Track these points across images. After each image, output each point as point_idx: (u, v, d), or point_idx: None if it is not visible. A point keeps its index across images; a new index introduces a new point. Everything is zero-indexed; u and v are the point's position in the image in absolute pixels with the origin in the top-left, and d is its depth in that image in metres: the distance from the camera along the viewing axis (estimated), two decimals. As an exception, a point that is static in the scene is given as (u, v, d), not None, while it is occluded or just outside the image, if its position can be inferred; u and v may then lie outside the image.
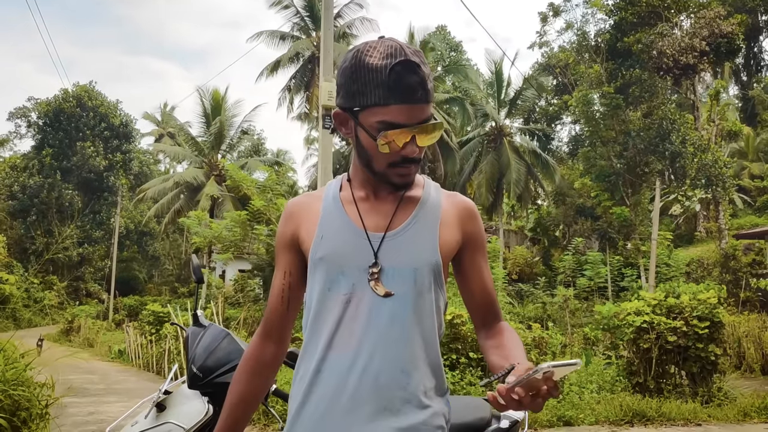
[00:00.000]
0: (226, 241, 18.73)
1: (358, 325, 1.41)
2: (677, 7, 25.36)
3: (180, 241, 47.63)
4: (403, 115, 1.39)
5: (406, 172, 1.46)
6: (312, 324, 1.47)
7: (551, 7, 31.54)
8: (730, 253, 21.71)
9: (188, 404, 2.62)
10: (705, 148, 23.77)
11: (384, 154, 1.42)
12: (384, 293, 1.42)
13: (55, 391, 5.57)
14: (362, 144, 1.46)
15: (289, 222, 1.58)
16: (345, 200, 1.54)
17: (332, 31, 10.12)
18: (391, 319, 1.41)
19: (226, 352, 2.67)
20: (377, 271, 1.44)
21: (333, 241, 1.49)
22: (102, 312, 36.83)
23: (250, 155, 45.12)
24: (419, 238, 1.48)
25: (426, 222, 1.50)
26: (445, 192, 1.61)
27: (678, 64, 23.63)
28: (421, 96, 1.40)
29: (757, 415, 7.11)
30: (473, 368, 7.91)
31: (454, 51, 40.55)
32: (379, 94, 1.38)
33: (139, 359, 17.33)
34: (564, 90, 31.75)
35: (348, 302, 1.43)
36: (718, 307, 8.06)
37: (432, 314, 1.47)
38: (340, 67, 1.48)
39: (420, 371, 1.43)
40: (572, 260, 23.92)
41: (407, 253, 1.46)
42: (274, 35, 30.41)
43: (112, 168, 44.06)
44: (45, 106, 44.45)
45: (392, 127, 1.39)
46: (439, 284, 1.49)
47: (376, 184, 1.53)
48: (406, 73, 1.37)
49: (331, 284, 1.45)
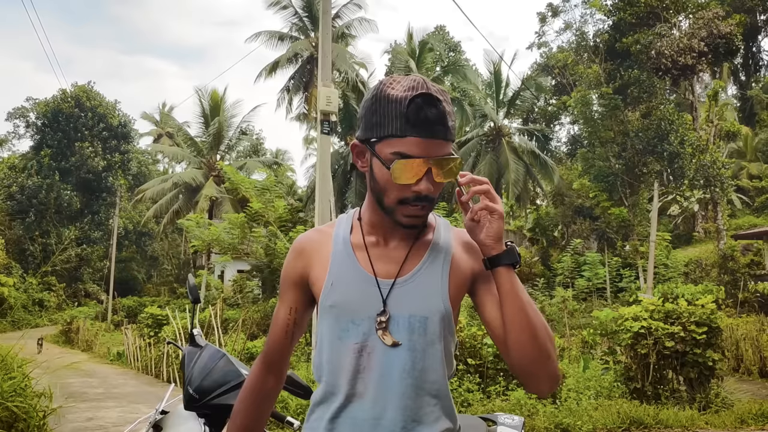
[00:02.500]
0: (224, 244, 18.73)
1: (371, 376, 1.42)
2: (676, 8, 25.39)
3: (179, 242, 47.65)
4: (419, 148, 1.37)
5: (415, 213, 1.43)
6: (328, 370, 1.47)
7: (550, 8, 31.58)
8: (729, 254, 21.74)
9: (184, 426, 2.62)
10: (703, 149, 23.81)
11: (395, 188, 1.40)
12: (391, 343, 1.42)
13: (54, 397, 5.59)
14: (375, 177, 1.44)
15: (299, 259, 1.57)
16: (355, 245, 1.52)
17: (330, 35, 10.10)
18: (402, 370, 1.41)
19: (222, 374, 2.67)
20: (385, 320, 1.43)
21: (343, 288, 1.48)
22: (101, 313, 36.83)
23: (248, 155, 45.16)
24: (429, 285, 1.46)
25: (436, 267, 1.48)
26: (455, 230, 1.59)
27: (676, 64, 23.67)
28: (439, 131, 1.39)
29: (754, 422, 7.12)
30: (471, 374, 7.92)
31: (452, 51, 40.56)
32: (397, 125, 1.38)
33: (137, 362, 17.34)
34: (563, 90, 31.79)
35: (360, 352, 1.43)
36: (715, 312, 8.07)
37: (442, 361, 1.46)
38: (363, 100, 1.48)
39: (432, 417, 1.43)
40: (571, 261, 23.94)
41: (417, 301, 1.45)
42: (272, 36, 30.41)
43: (110, 168, 44.05)
44: (43, 106, 44.44)
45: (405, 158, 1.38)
46: (450, 331, 1.48)
47: (387, 227, 1.51)
48: (425, 106, 1.37)
49: (342, 333, 1.45)
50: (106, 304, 38.03)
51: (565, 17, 29.90)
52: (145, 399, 11.03)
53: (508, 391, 7.75)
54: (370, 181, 1.48)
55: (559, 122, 36.99)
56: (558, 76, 32.41)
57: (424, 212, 1.45)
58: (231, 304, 22.49)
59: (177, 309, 14.58)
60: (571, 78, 28.90)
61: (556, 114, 35.09)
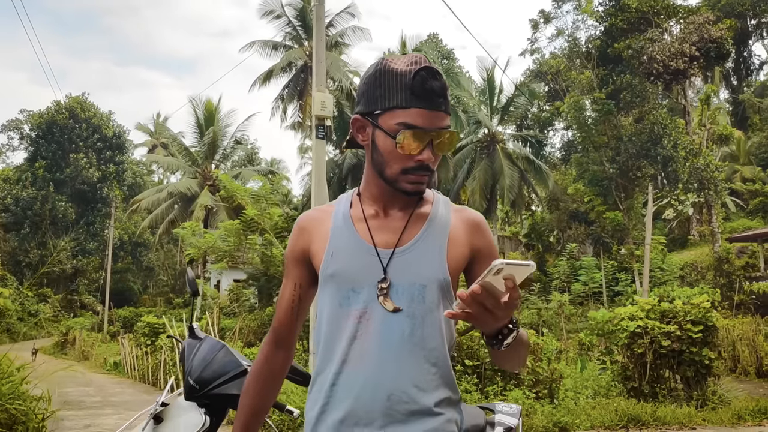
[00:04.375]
0: (220, 251, 18.72)
1: (370, 342, 1.44)
2: (666, 13, 25.55)
3: (174, 252, 47.53)
4: (423, 119, 1.43)
5: (419, 180, 1.48)
6: (326, 340, 1.50)
7: (542, 14, 31.76)
8: (724, 257, 21.83)
9: (185, 416, 2.64)
10: (697, 152, 23.92)
11: (399, 158, 1.46)
12: (393, 308, 1.45)
13: (52, 404, 5.58)
14: (378, 149, 1.49)
15: (301, 236, 1.61)
16: (355, 217, 1.57)
17: (324, 41, 10.17)
18: (402, 336, 1.44)
19: (221, 364, 2.69)
20: (386, 287, 1.46)
21: (343, 258, 1.51)
22: (97, 324, 36.70)
23: (243, 165, 45.14)
24: (428, 255, 1.50)
25: (434, 238, 1.52)
26: (455, 207, 1.62)
27: (668, 69, 23.79)
28: (441, 103, 1.45)
29: (751, 418, 7.15)
30: (469, 375, 7.94)
31: (446, 59, 40.65)
32: (402, 96, 1.44)
33: (134, 371, 17.29)
34: (556, 96, 31.91)
35: (360, 318, 1.46)
36: (711, 310, 8.11)
37: (441, 329, 1.49)
38: (363, 76, 1.54)
39: (432, 384, 1.46)
40: (567, 265, 23.99)
41: (416, 270, 1.48)
42: (266, 45, 30.48)
43: (105, 179, 43.99)
44: (38, 118, 44.39)
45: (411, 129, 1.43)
46: (449, 299, 1.51)
47: (386, 199, 1.55)
48: (429, 79, 1.43)
49: (343, 301, 1.48)
50: (101, 315, 37.92)
51: (557, 24, 30.13)
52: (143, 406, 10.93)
53: (506, 392, 7.77)
54: (372, 153, 1.52)
55: (552, 128, 37.13)
56: (551, 82, 32.55)
57: (425, 181, 1.50)
58: (227, 313, 22.43)
59: (173, 318, 14.54)
60: (564, 84, 29.03)
61: (549, 120, 35.21)
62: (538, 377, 7.87)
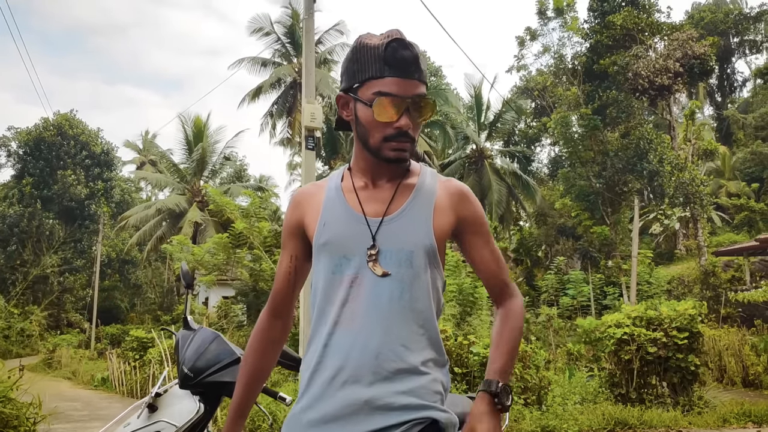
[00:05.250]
0: (209, 265, 18.67)
1: (361, 304, 1.52)
2: (651, 30, 25.94)
3: (162, 270, 47.24)
4: (397, 87, 1.53)
5: (400, 147, 1.56)
6: (320, 305, 1.58)
7: (528, 32, 32.07)
8: (710, 270, 22.01)
9: (180, 404, 2.69)
10: (682, 167, 24.18)
11: (379, 126, 1.54)
12: (381, 273, 1.53)
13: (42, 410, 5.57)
14: (360, 120, 1.58)
15: (296, 210, 1.70)
16: (346, 189, 1.65)
17: (314, 54, 10.29)
18: (390, 298, 1.52)
19: (215, 353, 2.75)
20: (375, 253, 1.55)
21: (335, 227, 1.60)
22: (84, 341, 36.34)
23: (232, 181, 45.06)
24: (414, 222, 1.58)
25: (421, 207, 1.61)
26: (441, 178, 1.71)
27: (653, 85, 24.12)
28: (414, 71, 1.55)
29: (736, 420, 7.24)
30: (458, 382, 7.98)
31: (434, 76, 40.97)
32: (376, 67, 1.54)
33: (122, 386, 17.16)
34: (542, 112, 32.20)
35: (351, 283, 1.54)
36: (696, 317, 8.21)
37: (429, 293, 1.57)
38: (344, 58, 1.65)
39: (419, 345, 1.53)
40: (555, 279, 24.07)
41: (404, 236, 1.57)
42: (255, 62, 30.63)
43: (93, 196, 43.76)
44: (25, 135, 44.16)
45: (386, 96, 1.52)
46: (435, 265, 1.59)
47: (374, 171, 1.64)
48: (400, 48, 1.53)
49: (335, 268, 1.57)
50: (88, 332, 37.57)
51: (543, 41, 30.33)
52: (131, 419, 10.92)
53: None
54: (356, 127, 1.61)
55: (540, 143, 37.38)
56: (538, 98, 32.86)
57: (407, 146, 1.57)
58: (216, 329, 22.31)
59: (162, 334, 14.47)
60: (551, 100, 29.33)
61: (536, 135, 35.48)
62: (526, 384, 7.93)
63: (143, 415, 2.74)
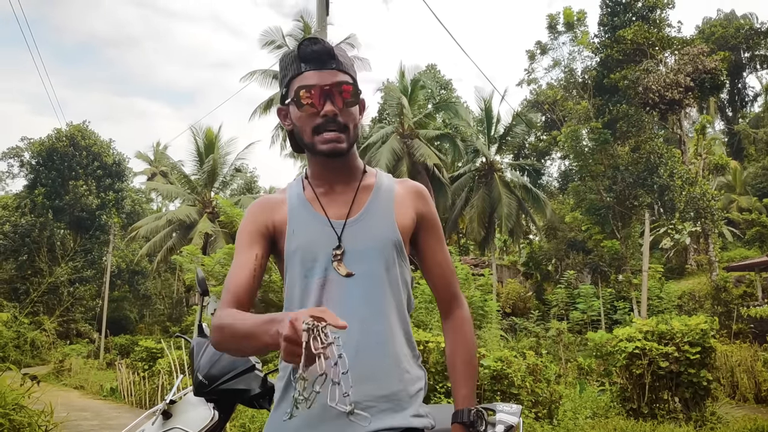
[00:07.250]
0: (219, 276, 18.69)
1: (333, 306, 1.53)
2: (661, 45, 25.96)
3: (172, 281, 47.36)
4: (314, 78, 1.59)
5: (331, 137, 1.58)
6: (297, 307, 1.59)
7: (539, 45, 32.19)
8: (721, 285, 21.87)
9: (194, 411, 2.70)
10: (693, 182, 24.10)
11: (307, 119, 1.59)
12: (345, 273, 1.57)
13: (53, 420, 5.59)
14: (294, 122, 1.64)
15: (263, 213, 1.71)
16: (308, 197, 1.69)
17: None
18: (363, 296, 1.56)
19: (229, 361, 2.76)
20: (340, 253, 1.58)
21: (303, 233, 1.64)
22: (93, 351, 36.44)
23: (243, 193, 45.18)
24: (378, 220, 1.64)
25: (382, 205, 1.66)
26: (397, 179, 1.77)
27: (664, 99, 24.11)
28: (328, 60, 1.61)
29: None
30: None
31: (444, 89, 41.12)
32: (294, 67, 1.62)
33: (131, 396, 17.17)
34: (553, 126, 32.23)
35: (323, 286, 1.57)
36: (708, 332, 8.14)
37: (399, 287, 1.61)
38: None
39: (396, 340, 1.57)
40: (565, 293, 23.99)
41: (369, 235, 1.61)
42: (267, 74, 30.80)
43: (104, 207, 43.98)
44: (38, 145, 44.51)
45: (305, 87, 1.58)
46: (403, 258, 1.64)
47: (330, 176, 1.68)
48: (311, 44, 1.60)
49: (307, 272, 1.60)
50: (98, 342, 37.67)
51: (553, 54, 30.46)
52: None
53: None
54: (296, 132, 1.66)
55: (550, 157, 37.41)
56: (548, 112, 32.90)
57: (340, 136, 1.59)
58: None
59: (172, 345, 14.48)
60: (561, 114, 29.35)
61: (546, 149, 35.50)
62: (537, 398, 7.89)
63: (158, 422, 2.76)
